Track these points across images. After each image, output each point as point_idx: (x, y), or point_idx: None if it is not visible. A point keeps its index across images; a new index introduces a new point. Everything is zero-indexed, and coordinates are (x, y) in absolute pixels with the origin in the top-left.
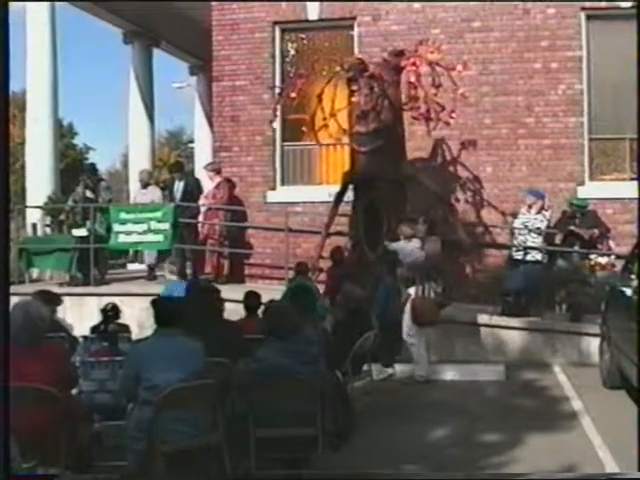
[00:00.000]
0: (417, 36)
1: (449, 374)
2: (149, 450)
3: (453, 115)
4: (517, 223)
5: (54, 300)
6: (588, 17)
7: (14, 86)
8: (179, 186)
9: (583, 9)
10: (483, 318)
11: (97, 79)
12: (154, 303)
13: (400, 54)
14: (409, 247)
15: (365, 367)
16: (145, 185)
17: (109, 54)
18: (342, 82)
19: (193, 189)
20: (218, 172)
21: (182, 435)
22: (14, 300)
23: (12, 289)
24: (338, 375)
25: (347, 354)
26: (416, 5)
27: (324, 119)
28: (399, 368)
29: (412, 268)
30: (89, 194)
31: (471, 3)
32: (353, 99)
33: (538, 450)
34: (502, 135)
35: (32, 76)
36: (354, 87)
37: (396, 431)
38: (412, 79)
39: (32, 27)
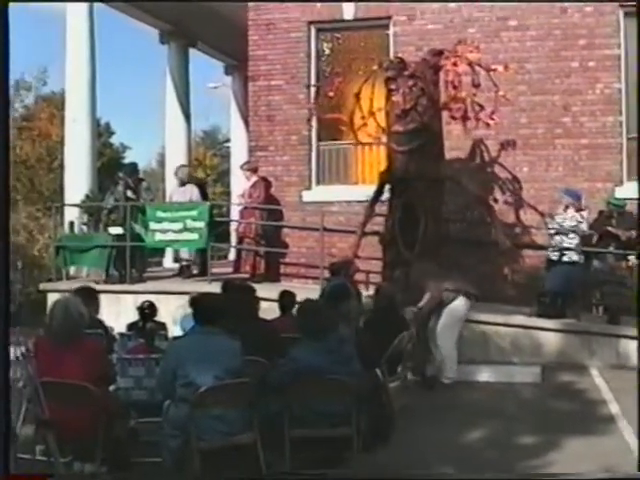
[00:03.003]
0: (453, 35)
1: (484, 375)
2: (185, 448)
3: (494, 117)
4: (554, 224)
5: (93, 297)
6: (626, 14)
7: (54, 86)
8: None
9: (621, 6)
10: (519, 319)
11: (134, 79)
12: (193, 301)
13: (439, 53)
14: None
15: (400, 368)
16: (183, 183)
17: (146, 54)
18: (380, 81)
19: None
20: (254, 171)
21: (218, 433)
22: (53, 297)
23: (50, 286)
24: (378, 374)
25: (382, 354)
26: (452, 4)
27: (363, 118)
28: (429, 369)
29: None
30: (130, 194)
31: (507, 2)
32: (392, 98)
33: (574, 453)
34: (538, 135)
35: (71, 76)
36: (393, 86)
37: (430, 433)
38: (451, 79)
39: (71, 28)
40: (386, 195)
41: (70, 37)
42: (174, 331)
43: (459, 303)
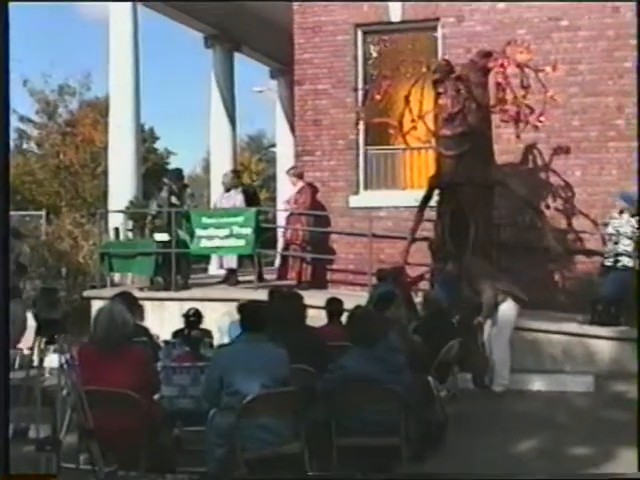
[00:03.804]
0: (502, 37)
1: (536, 384)
2: (230, 457)
3: (541, 119)
4: (608, 229)
5: (136, 304)
6: None
7: (97, 92)
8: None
9: None
10: (572, 327)
11: (178, 84)
12: (241, 308)
13: (487, 55)
14: None
15: (450, 375)
16: (228, 189)
17: (190, 59)
18: (429, 84)
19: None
20: (300, 177)
21: (264, 443)
22: (97, 304)
23: (94, 293)
24: (428, 382)
25: (432, 362)
26: (501, 5)
27: (412, 121)
28: (480, 377)
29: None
30: (174, 200)
31: (558, 2)
32: (440, 101)
33: (628, 464)
34: (591, 138)
35: (115, 81)
36: (440, 89)
37: (481, 442)
38: (500, 81)
39: (115, 32)
40: (435, 200)
41: (114, 41)
42: (220, 339)
43: (508, 308)
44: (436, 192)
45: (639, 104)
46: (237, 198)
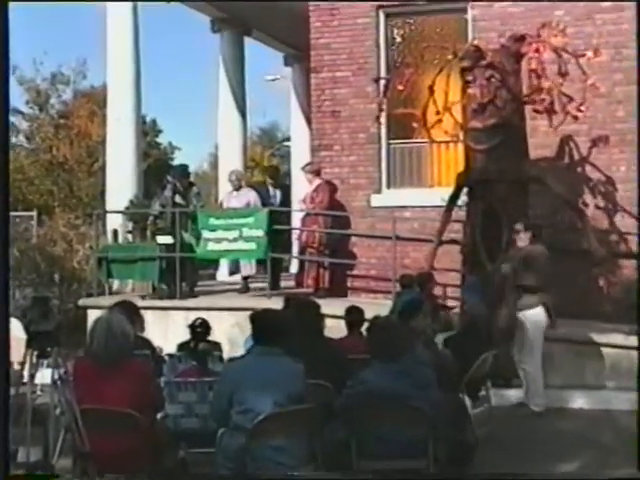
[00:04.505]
0: (538, 19)
1: (578, 402)
2: None
3: (582, 108)
4: None
5: (137, 314)
6: None
7: (94, 81)
8: (275, 193)
9: None
10: (617, 338)
11: (183, 72)
12: (253, 318)
13: (521, 39)
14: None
15: (483, 392)
16: (237, 187)
17: (196, 45)
18: (456, 72)
19: (284, 198)
20: (317, 173)
21: (277, 465)
22: (94, 314)
23: (91, 302)
24: (458, 399)
25: (463, 377)
26: None
27: (437, 113)
28: (513, 394)
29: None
30: (179, 199)
31: None
32: (469, 91)
33: None
34: (637, 130)
35: (113, 70)
36: (469, 77)
37: (517, 465)
38: (535, 67)
39: (113, 17)
40: (464, 199)
41: (112, 25)
42: (230, 352)
43: (536, 317)
44: (465, 190)
45: (639, 104)
46: (250, 196)
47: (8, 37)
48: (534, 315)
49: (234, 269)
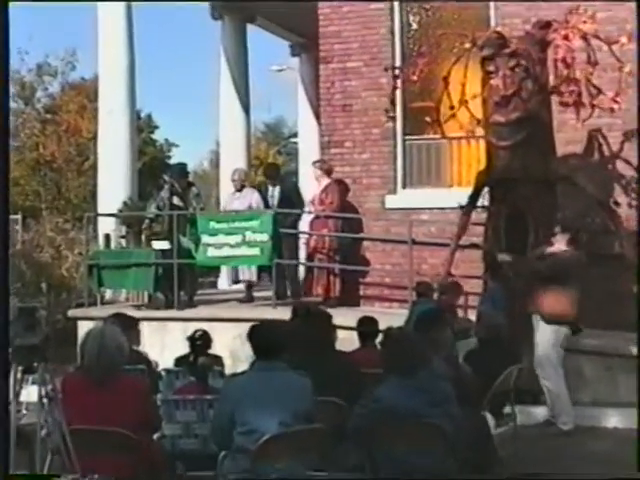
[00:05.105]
0: (567, 3)
1: (611, 420)
2: None
3: (618, 99)
4: None
5: (133, 326)
6: None
7: (84, 72)
8: (274, 192)
9: None
10: None
11: (181, 62)
12: (251, 332)
13: (547, 26)
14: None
15: (507, 409)
16: (240, 187)
17: (195, 32)
18: (473, 61)
19: (291, 196)
20: (329, 172)
21: None
22: (84, 326)
23: (81, 313)
24: (481, 417)
25: (484, 394)
26: None
27: (451, 107)
28: (541, 412)
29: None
30: (177, 201)
31: None
32: (491, 82)
33: None
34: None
35: (105, 60)
36: (491, 67)
37: None
38: (562, 56)
39: (105, 2)
40: (485, 200)
41: (104, 12)
42: (233, 367)
43: (552, 328)
44: (486, 190)
45: (639, 103)
46: (253, 197)
47: (8, 37)
48: (547, 330)
49: (234, 277)
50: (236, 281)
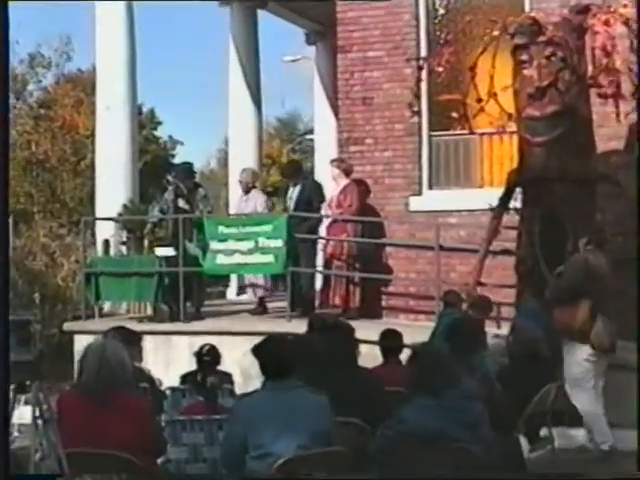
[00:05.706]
0: None
1: None
2: None
3: None
4: None
5: (135, 340)
6: None
7: (80, 63)
8: (293, 193)
9: None
10: None
11: (186, 52)
12: (258, 348)
13: (585, 10)
14: None
15: (544, 431)
16: (247, 190)
17: (202, 20)
18: (502, 51)
19: (312, 196)
20: (348, 172)
21: None
22: (82, 340)
23: (78, 326)
24: (515, 440)
25: (519, 415)
26: None
27: (479, 100)
28: (582, 433)
29: None
30: (182, 204)
31: None
32: (524, 73)
33: None
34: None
35: (103, 50)
36: (524, 57)
37: None
38: (602, 44)
39: None
40: (518, 201)
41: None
42: (244, 384)
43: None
44: (519, 190)
45: (639, 103)
46: (258, 201)
47: (8, 37)
48: (581, 354)
49: (242, 284)
50: (241, 290)
